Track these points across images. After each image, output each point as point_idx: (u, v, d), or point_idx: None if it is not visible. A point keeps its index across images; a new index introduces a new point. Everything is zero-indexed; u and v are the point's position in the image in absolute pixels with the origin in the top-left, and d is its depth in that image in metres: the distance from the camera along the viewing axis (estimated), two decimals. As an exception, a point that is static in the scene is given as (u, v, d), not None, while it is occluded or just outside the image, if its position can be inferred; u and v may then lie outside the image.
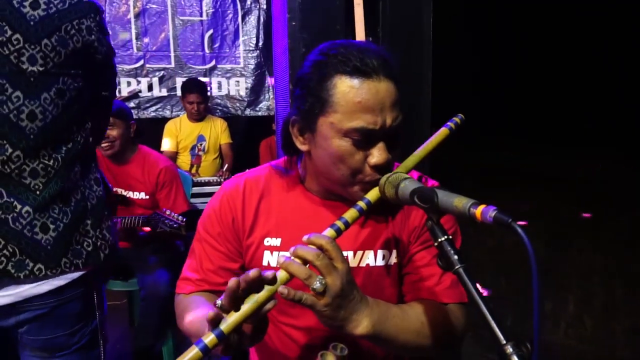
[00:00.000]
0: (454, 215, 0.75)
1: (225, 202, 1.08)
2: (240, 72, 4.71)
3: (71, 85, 1.19)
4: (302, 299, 0.80)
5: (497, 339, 0.66)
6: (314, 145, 0.97)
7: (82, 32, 1.18)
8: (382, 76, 0.89)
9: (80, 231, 1.23)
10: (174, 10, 4.47)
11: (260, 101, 4.81)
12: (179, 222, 2.35)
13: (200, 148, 4.19)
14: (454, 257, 0.75)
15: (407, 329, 0.93)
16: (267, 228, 1.06)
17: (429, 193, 0.79)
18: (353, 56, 0.89)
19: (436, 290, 1.03)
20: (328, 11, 1.74)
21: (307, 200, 1.07)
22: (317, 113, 0.93)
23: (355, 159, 0.92)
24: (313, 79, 0.93)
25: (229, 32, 4.63)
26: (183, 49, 4.55)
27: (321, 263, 0.80)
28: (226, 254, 1.08)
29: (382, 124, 0.89)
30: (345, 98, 0.89)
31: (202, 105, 4.09)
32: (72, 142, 1.22)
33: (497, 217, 0.66)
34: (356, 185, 0.95)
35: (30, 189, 1.14)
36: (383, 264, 1.05)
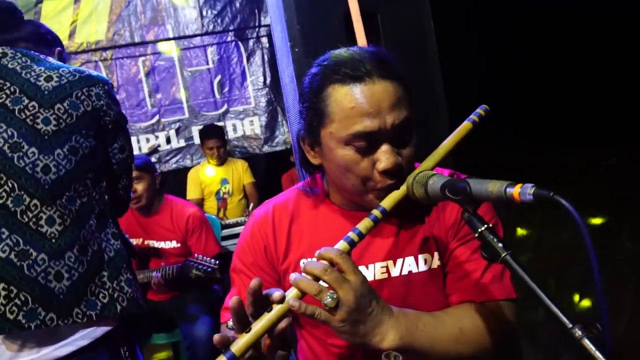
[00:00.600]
0: (490, 202, 0.72)
1: (256, 231, 1.08)
2: (252, 111, 4.79)
3: (84, 143, 1.26)
4: (314, 313, 0.77)
5: (563, 323, 0.61)
6: (323, 158, 0.97)
7: (91, 97, 1.29)
8: (376, 78, 0.88)
9: (96, 282, 1.24)
10: (181, 63, 4.61)
11: (276, 136, 4.86)
12: (212, 266, 2.34)
13: (225, 191, 4.24)
14: (498, 245, 0.71)
15: (443, 338, 0.87)
16: (301, 250, 1.04)
17: (460, 184, 0.76)
18: (343, 64, 0.89)
19: (479, 288, 0.96)
20: (329, 32, 1.76)
21: (336, 214, 1.04)
22: (317, 125, 0.93)
23: (361, 167, 0.90)
24: (310, 92, 0.94)
25: (236, 75, 4.74)
26: (195, 98, 4.67)
27: (330, 277, 0.77)
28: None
29: (382, 125, 0.87)
30: (340, 106, 0.88)
31: (222, 149, 4.15)
32: (88, 197, 1.27)
33: (537, 193, 0.62)
34: (370, 193, 0.93)
35: (46, 237, 1.17)
36: (426, 268, 1.00)
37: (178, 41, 4.56)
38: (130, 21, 4.40)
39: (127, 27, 4.41)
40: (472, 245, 0.98)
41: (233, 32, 4.66)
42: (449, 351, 0.88)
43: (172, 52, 4.59)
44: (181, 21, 4.54)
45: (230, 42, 4.68)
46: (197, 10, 4.52)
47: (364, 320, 0.79)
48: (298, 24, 1.74)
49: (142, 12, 4.43)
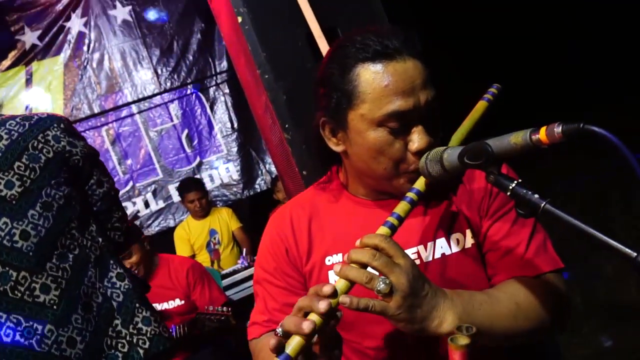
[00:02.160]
0: (515, 155, 0.70)
1: (275, 235, 1.03)
2: (226, 158, 4.76)
3: (56, 195, 1.18)
4: (369, 306, 0.72)
5: (626, 254, 0.59)
6: (349, 144, 0.91)
7: (49, 142, 1.21)
8: (406, 56, 0.84)
9: (111, 334, 1.17)
10: (145, 125, 4.58)
11: (255, 178, 4.82)
12: (225, 314, 2.25)
13: (215, 242, 4.13)
14: (534, 197, 0.69)
15: (501, 314, 0.83)
16: (324, 247, 0.99)
17: (478, 147, 0.74)
18: (371, 41, 0.85)
19: (525, 262, 0.92)
20: (295, 54, 1.76)
21: (357, 206, 1.00)
22: (345, 108, 0.88)
23: (395, 149, 0.86)
24: (334, 74, 0.89)
25: (203, 126, 4.72)
26: (165, 157, 4.61)
27: (379, 262, 0.73)
28: (287, 288, 1.00)
29: (416, 103, 0.84)
30: (372, 85, 0.84)
31: (204, 200, 4.08)
32: (79, 248, 1.19)
33: (565, 129, 0.61)
34: (401, 177, 0.89)
35: (46, 306, 1.10)
36: (459, 249, 0.95)
37: (138, 104, 4.54)
38: (87, 93, 4.37)
39: (84, 99, 4.37)
40: (508, 218, 0.94)
41: (192, 85, 4.67)
42: (509, 328, 0.83)
43: (135, 116, 4.55)
44: (137, 84, 4.53)
45: (190, 95, 4.68)
46: (152, 70, 4.53)
47: (420, 304, 0.74)
48: (263, 52, 1.74)
49: (97, 83, 4.41)
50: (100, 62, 4.46)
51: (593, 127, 0.57)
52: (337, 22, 1.80)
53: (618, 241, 0.59)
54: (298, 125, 1.74)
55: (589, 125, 0.58)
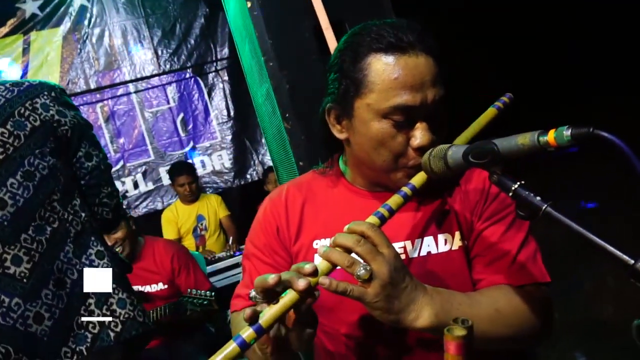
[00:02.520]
0: (520, 156, 0.70)
1: (268, 212, 1.04)
2: (219, 145, 4.73)
3: (39, 164, 1.15)
4: (347, 290, 0.73)
5: (623, 261, 0.60)
6: (352, 132, 0.92)
7: (37, 110, 1.18)
8: (419, 51, 0.84)
9: (83, 313, 1.14)
10: (141, 105, 4.53)
11: (247, 167, 4.81)
12: (208, 298, 2.23)
13: (202, 228, 4.12)
14: (536, 199, 0.69)
15: (479, 318, 0.80)
16: (315, 230, 0.99)
17: (485, 146, 0.74)
18: (386, 32, 0.85)
19: (513, 271, 0.91)
20: (301, 45, 1.76)
21: (352, 194, 1.00)
22: (352, 96, 0.88)
23: (397, 142, 0.86)
24: (346, 61, 0.89)
25: (199, 111, 4.69)
26: (159, 139, 4.57)
27: (363, 248, 0.74)
28: (274, 265, 1.01)
29: (423, 100, 0.84)
30: (381, 76, 0.84)
31: (194, 185, 4.06)
32: (59, 221, 1.16)
33: (575, 133, 0.61)
34: (400, 171, 0.90)
35: (15, 279, 1.07)
36: (447, 249, 0.95)
37: (136, 83, 4.49)
38: (84, 68, 4.31)
39: (82, 74, 4.31)
40: (501, 224, 0.94)
41: (191, 69, 4.63)
42: (486, 332, 0.83)
43: (131, 95, 4.50)
44: (137, 63, 4.49)
45: (189, 79, 4.65)
46: (152, 51, 4.49)
47: (399, 295, 0.75)
48: (269, 39, 1.73)
49: (95, 59, 4.35)
50: (100, 38, 4.40)
51: (602, 132, 0.58)
52: (345, 16, 1.80)
53: (617, 248, 0.60)
54: (299, 116, 1.73)
55: (598, 130, 0.58)
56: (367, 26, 0.89)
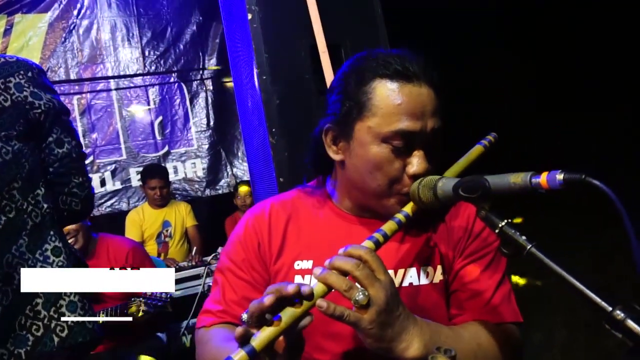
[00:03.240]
0: (510, 195, 0.72)
1: (250, 227, 1.02)
2: (195, 153, 4.67)
3: (2, 149, 1.09)
4: (344, 315, 0.72)
5: (602, 308, 0.61)
6: (348, 154, 0.92)
7: (9, 90, 1.12)
8: (422, 81, 0.87)
9: (27, 313, 1.06)
10: (120, 103, 4.44)
11: (220, 179, 4.75)
12: (163, 299, 2.15)
13: (167, 234, 4.01)
14: (521, 238, 0.71)
15: (463, 351, 0.83)
16: (297, 250, 0.98)
17: (476, 181, 0.76)
18: (393, 60, 0.88)
19: (490, 308, 0.94)
20: (296, 62, 1.77)
21: (338, 218, 1.00)
22: (354, 118, 0.89)
23: (393, 168, 0.87)
24: (351, 83, 0.90)
25: (178, 117, 4.63)
26: (134, 139, 4.48)
27: (362, 273, 0.73)
28: (251, 282, 0.99)
29: (423, 128, 0.86)
30: (385, 101, 0.86)
31: (165, 190, 3.96)
32: (16, 211, 1.09)
33: (567, 178, 0.63)
34: (393, 197, 0.90)
35: None
36: (427, 282, 0.96)
37: (118, 80, 4.41)
38: (67, 58, 4.21)
39: (63, 63, 4.20)
40: (481, 263, 0.97)
41: (176, 74, 4.59)
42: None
43: (111, 92, 4.42)
44: (121, 60, 4.42)
45: (173, 84, 4.60)
46: (139, 51, 4.44)
47: (392, 323, 0.74)
48: (266, 53, 1.74)
49: (79, 49, 4.26)
50: (87, 30, 4.32)
51: (594, 180, 0.60)
52: (342, 40, 1.83)
53: (596, 294, 0.61)
54: (285, 132, 1.74)
55: (590, 178, 0.60)
56: (373, 52, 0.92)
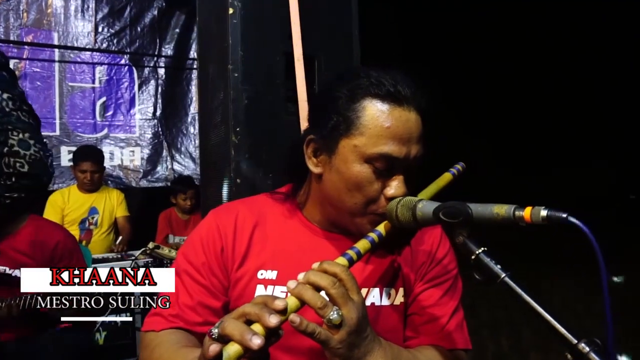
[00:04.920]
0: (491, 224, 0.75)
1: (214, 229, 0.96)
2: (136, 141, 4.45)
3: None
4: (315, 332, 0.71)
5: (567, 340, 0.65)
6: (328, 169, 0.91)
7: None
8: (412, 106, 0.88)
9: None
10: (62, 75, 4.15)
11: (158, 171, 4.55)
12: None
13: (92, 222, 3.75)
14: (496, 267, 0.74)
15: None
16: (261, 259, 0.95)
17: (459, 207, 0.78)
18: (387, 81, 0.87)
19: (445, 334, 0.97)
20: (269, 66, 1.76)
21: (306, 230, 0.98)
22: (340, 133, 0.88)
23: (372, 188, 0.87)
24: (341, 98, 0.89)
25: (124, 101, 4.41)
26: (71, 116, 4.19)
27: (337, 291, 0.73)
28: (208, 288, 0.94)
29: (407, 154, 0.87)
30: (374, 122, 0.86)
31: (97, 175, 3.71)
32: None
33: (551, 215, 0.67)
34: (366, 216, 0.90)
35: None
36: (389, 303, 0.98)
37: (64, 51, 4.13)
38: (9, 17, 3.88)
39: (3, 22, 3.87)
40: (440, 288, 0.99)
41: (129, 56, 4.38)
42: None
43: (55, 63, 4.12)
44: (71, 31, 4.15)
45: (123, 66, 4.39)
46: (92, 25, 4.19)
47: (360, 344, 0.74)
48: (241, 50, 1.71)
49: (25, 11, 3.95)
50: (38, -8, 4.03)
51: (577, 221, 0.64)
52: (317, 53, 1.85)
53: (564, 326, 0.65)
54: (249, 132, 1.71)
55: (573, 218, 0.65)
56: (367, 70, 0.91)
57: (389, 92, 0.87)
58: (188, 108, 4.66)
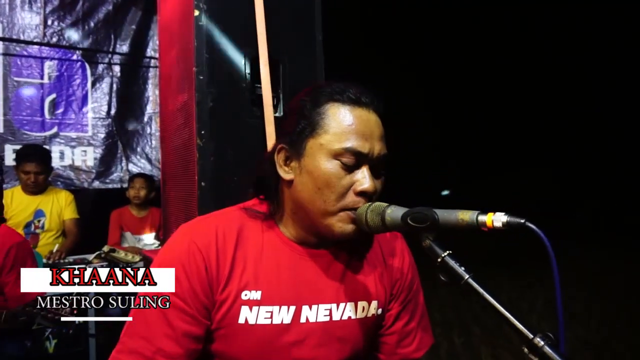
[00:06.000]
0: (455, 230, 0.80)
1: (195, 252, 0.92)
2: (88, 141, 4.29)
3: None
4: None
5: (524, 335, 0.71)
6: (298, 172, 0.94)
7: None
8: (372, 109, 0.95)
9: None
10: (6, 69, 3.93)
11: (112, 172, 4.40)
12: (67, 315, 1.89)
13: (38, 225, 3.57)
14: (460, 269, 0.79)
15: None
16: (244, 280, 0.94)
17: (426, 213, 0.83)
18: (348, 89, 0.94)
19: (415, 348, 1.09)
20: (234, 69, 1.76)
21: (285, 247, 0.99)
22: (307, 135, 0.93)
23: (341, 184, 0.90)
24: (307, 105, 0.95)
25: (75, 98, 4.23)
26: (17, 113, 3.98)
27: None
28: (194, 316, 0.91)
29: (371, 150, 0.92)
30: (337, 120, 0.92)
31: (42, 176, 3.52)
32: None
33: (510, 221, 0.73)
34: (336, 215, 0.92)
35: None
36: (363, 316, 1.02)
37: (9, 44, 3.91)
38: (-52, 5, 3.65)
39: (-59, 11, 3.63)
40: (412, 303, 1.10)
41: (81, 52, 4.22)
42: None
43: (-1, 55, 3.90)
44: (17, 23, 3.94)
45: (75, 62, 4.21)
46: (41, 17, 4.00)
47: None
48: (207, 53, 1.70)
49: (-34, 0, 3.72)
50: (-20, -19, 3.81)
51: (533, 226, 0.70)
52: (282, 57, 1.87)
53: (522, 323, 0.71)
54: (214, 136, 1.71)
55: (530, 223, 0.71)
56: (330, 82, 0.98)
57: (349, 97, 0.94)
58: (144, 107, 4.54)
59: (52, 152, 4.07)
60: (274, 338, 0.94)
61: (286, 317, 0.95)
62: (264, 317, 0.94)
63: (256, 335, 0.93)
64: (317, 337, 0.97)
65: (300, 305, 0.97)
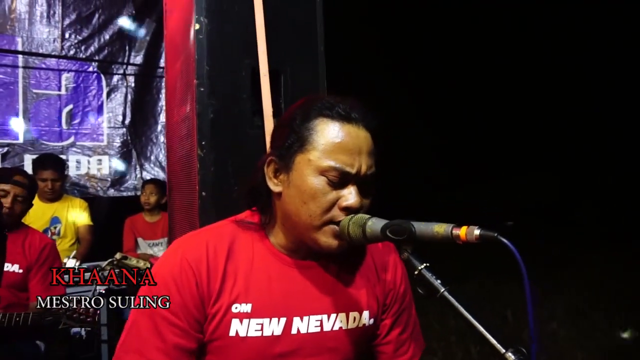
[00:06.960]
0: (432, 242, 0.80)
1: (186, 266, 0.94)
2: (103, 150, 4.39)
3: None
4: None
5: (496, 349, 0.70)
6: (287, 185, 0.95)
7: None
8: (361, 125, 0.94)
9: None
10: (26, 82, 4.07)
11: (127, 180, 4.50)
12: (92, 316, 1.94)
13: (54, 232, 3.67)
14: (436, 282, 0.79)
15: None
16: (235, 293, 0.95)
17: (404, 225, 0.83)
18: (338, 105, 0.94)
19: (411, 355, 1.11)
20: (235, 81, 1.79)
21: (275, 259, 1.00)
22: (295, 150, 0.93)
23: (327, 199, 0.91)
24: (296, 119, 0.95)
25: (91, 109, 4.35)
26: (35, 124, 4.10)
27: None
28: (186, 330, 0.93)
29: (358, 167, 0.92)
30: (326, 137, 0.92)
31: (58, 184, 3.62)
32: None
33: (483, 234, 0.73)
34: (322, 229, 0.93)
35: None
36: (354, 326, 1.03)
37: (28, 58, 4.04)
38: (-30, 21, 3.79)
39: (-36, 26, 3.78)
40: (404, 314, 1.11)
41: (97, 64, 4.33)
42: None
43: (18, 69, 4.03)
44: (36, 37, 4.07)
45: (91, 73, 4.33)
46: (59, 32, 4.13)
47: None
48: (207, 65, 1.74)
49: (-13, 15, 3.86)
50: (1, -4, 3.95)
51: (504, 239, 0.70)
52: (283, 68, 1.89)
53: (495, 337, 0.71)
54: (214, 147, 1.73)
55: (501, 237, 0.71)
56: (319, 96, 0.99)
57: (338, 113, 0.94)
58: (158, 116, 4.63)
59: (69, 162, 4.19)
60: (265, 350, 0.95)
61: (277, 329, 0.96)
62: (255, 330, 0.95)
63: (247, 347, 0.94)
64: (309, 348, 0.98)
65: (291, 316, 0.98)
